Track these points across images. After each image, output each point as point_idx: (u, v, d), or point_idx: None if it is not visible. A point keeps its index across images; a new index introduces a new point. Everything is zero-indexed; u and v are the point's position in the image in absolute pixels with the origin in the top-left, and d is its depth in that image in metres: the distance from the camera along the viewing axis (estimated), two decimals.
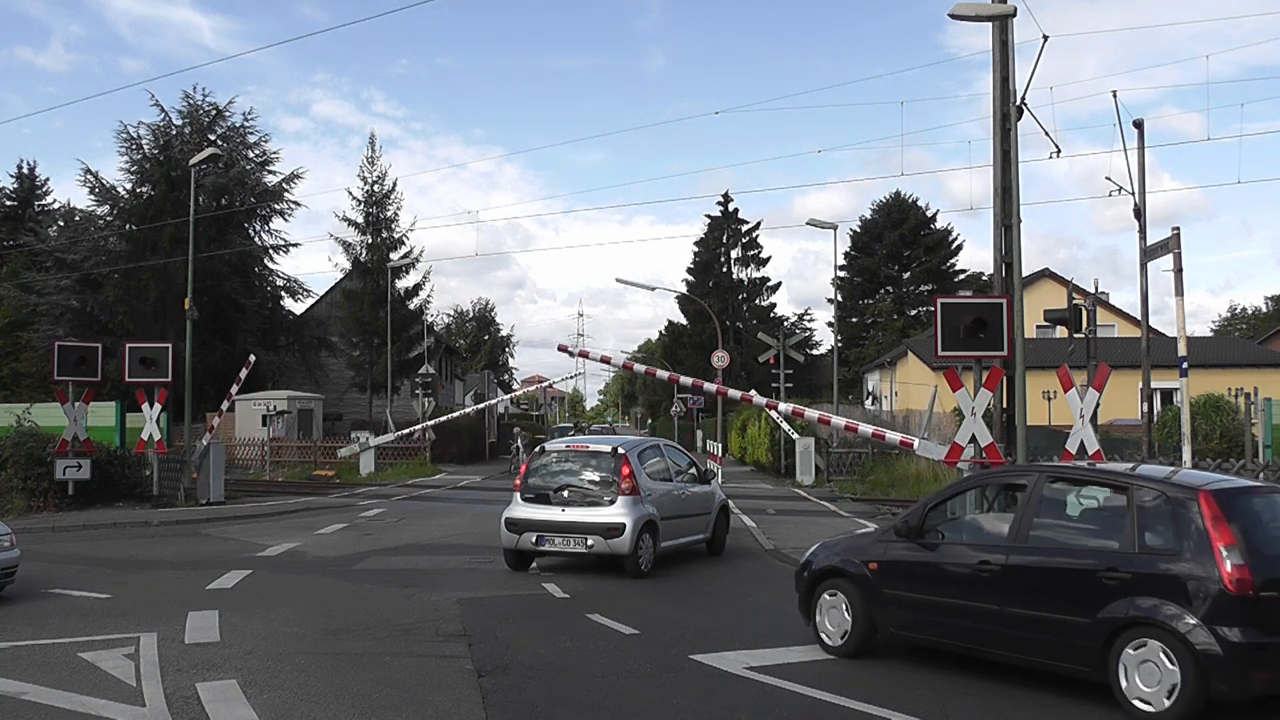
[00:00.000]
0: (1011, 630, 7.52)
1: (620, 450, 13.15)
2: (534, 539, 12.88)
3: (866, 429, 19.25)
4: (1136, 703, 6.71)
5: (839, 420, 19.84)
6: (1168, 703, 6.56)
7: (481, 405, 46.02)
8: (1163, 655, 6.63)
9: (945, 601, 8.00)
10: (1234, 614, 6.47)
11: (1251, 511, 7.14)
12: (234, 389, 24.48)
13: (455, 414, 40.61)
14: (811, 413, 19.86)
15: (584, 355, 23.37)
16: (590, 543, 12.57)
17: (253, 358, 25.31)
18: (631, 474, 12.82)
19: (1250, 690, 6.56)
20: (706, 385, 23.24)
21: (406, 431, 36.21)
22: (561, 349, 24.40)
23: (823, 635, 8.85)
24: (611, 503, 12.69)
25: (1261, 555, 6.71)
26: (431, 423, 37.33)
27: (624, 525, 12.43)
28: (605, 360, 23.95)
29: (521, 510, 13.17)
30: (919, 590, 8.22)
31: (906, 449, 18.72)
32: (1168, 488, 7.23)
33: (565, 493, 13.07)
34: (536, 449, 14.39)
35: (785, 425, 32.36)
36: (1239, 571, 6.50)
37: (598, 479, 13.05)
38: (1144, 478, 7.51)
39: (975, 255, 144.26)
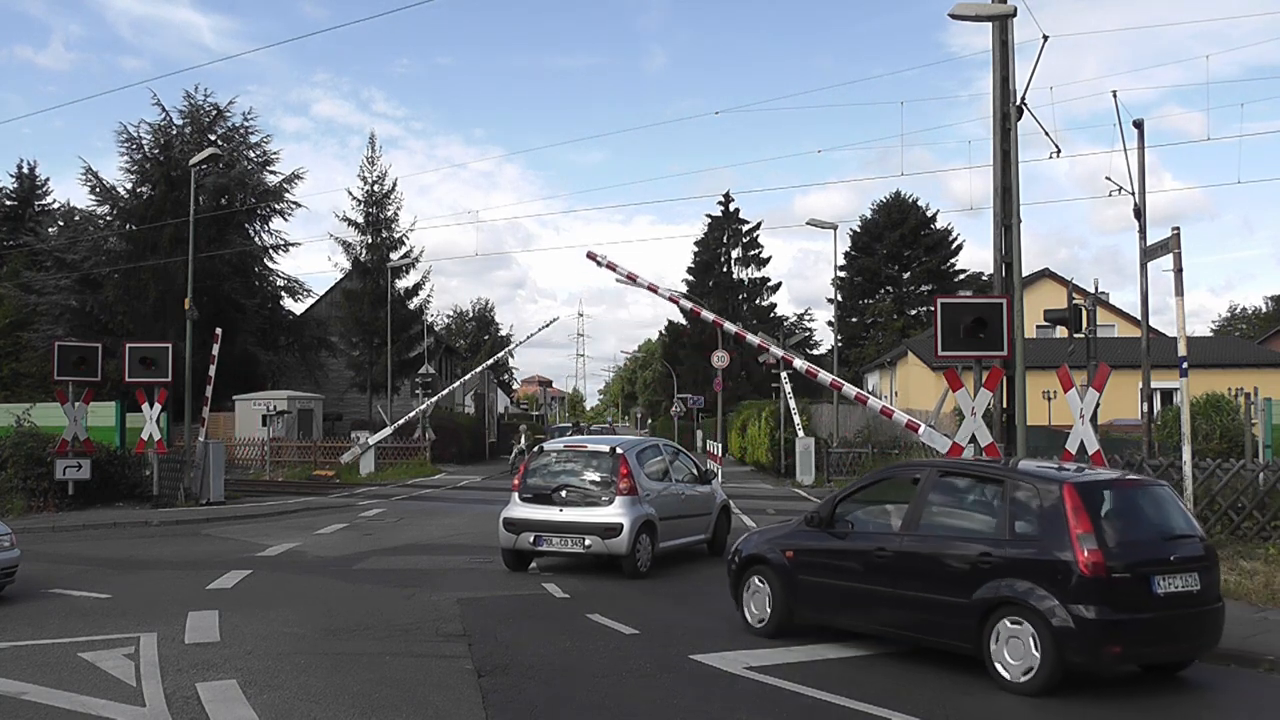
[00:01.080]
0: (904, 611, 8.27)
1: (619, 450, 13.15)
2: (532, 539, 12.90)
3: (876, 404, 19.45)
4: (1004, 674, 7.47)
5: (850, 389, 20.00)
6: (1030, 675, 7.32)
7: (468, 376, 44.68)
8: (1026, 631, 7.37)
9: (850, 585, 8.73)
10: (1088, 594, 7.18)
11: (1111, 502, 7.87)
12: (210, 369, 23.80)
13: (445, 392, 40.21)
14: (825, 375, 20.22)
15: (611, 268, 22.28)
16: (588, 543, 12.59)
17: (219, 330, 24.59)
18: (629, 474, 12.83)
19: (1103, 662, 7.42)
20: (750, 336, 23.00)
21: (402, 422, 36.22)
22: (590, 256, 22.97)
23: (748, 617, 9.63)
24: (609, 503, 12.69)
25: (1116, 541, 7.45)
26: (424, 405, 37.36)
27: (621, 525, 12.45)
28: (631, 278, 22.40)
29: (520, 510, 13.18)
30: (828, 575, 8.98)
31: (911, 433, 18.92)
32: (1037, 481, 7.95)
33: (563, 493, 13.04)
34: (535, 449, 14.39)
35: (797, 419, 32.32)
36: (1093, 556, 7.22)
37: (596, 479, 13.04)
38: (1017, 472, 8.32)
39: (975, 255, 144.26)
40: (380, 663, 8.13)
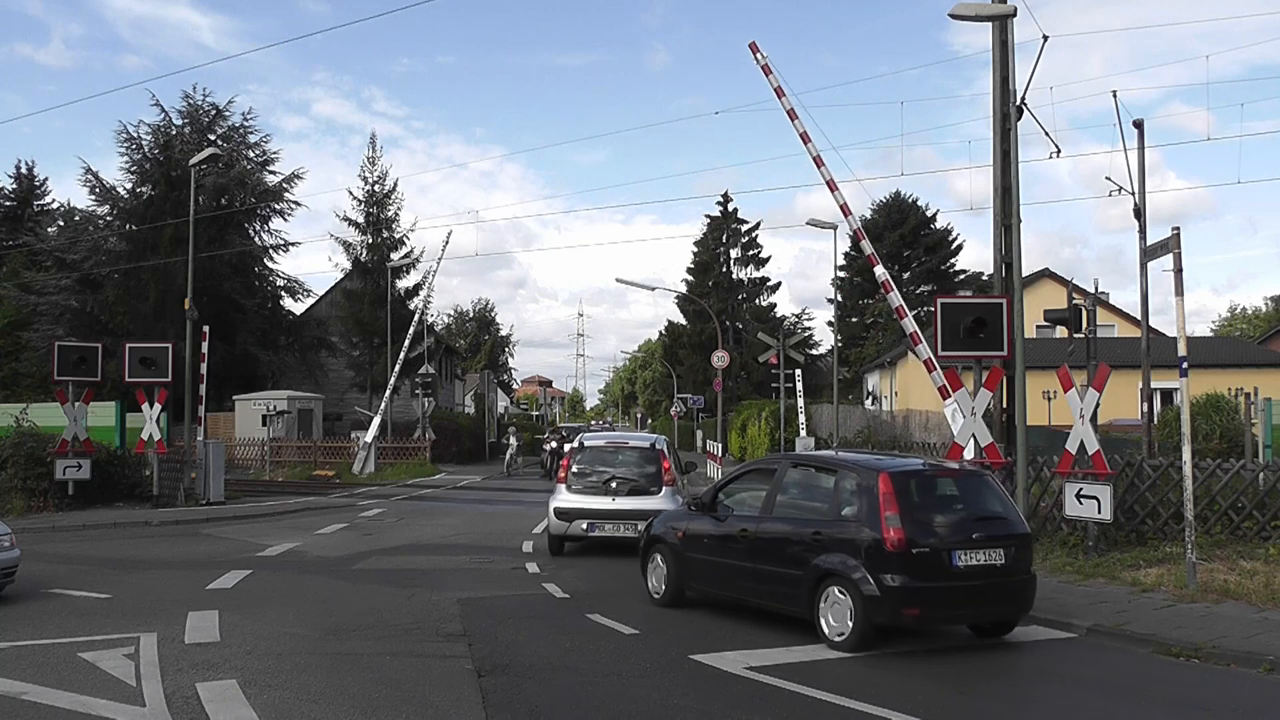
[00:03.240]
0: (760, 583, 9.61)
1: (658, 446, 15.01)
2: (585, 525, 14.19)
3: (925, 350, 18.80)
4: (829, 634, 8.76)
5: (909, 325, 19.33)
6: (846, 635, 8.61)
7: (412, 331, 39.70)
8: (843, 597, 8.67)
9: (722, 561, 10.10)
10: (891, 565, 8.46)
11: (917, 488, 9.16)
12: (202, 368, 23.58)
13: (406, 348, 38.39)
14: (909, 323, 19.33)
15: (766, 70, 19.75)
16: (641, 528, 13.52)
17: (207, 328, 24.25)
18: (670, 466, 14.71)
19: (902, 622, 8.69)
20: (878, 270, 20.42)
21: (383, 406, 36.46)
22: (752, 48, 19.96)
23: (650, 589, 11.09)
24: (657, 492, 14.27)
25: (917, 521, 8.66)
26: (391, 378, 37.37)
27: None
28: (779, 92, 19.76)
29: (570, 500, 14.55)
30: (707, 553, 10.33)
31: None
32: (859, 470, 9.20)
33: (614, 483, 14.56)
34: (575, 443, 15.78)
35: (803, 416, 32.28)
36: (897, 534, 8.47)
37: (642, 470, 14.66)
38: (846, 462, 9.59)
39: (975, 255, 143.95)
40: (380, 663, 8.13)
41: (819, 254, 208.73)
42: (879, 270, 18.21)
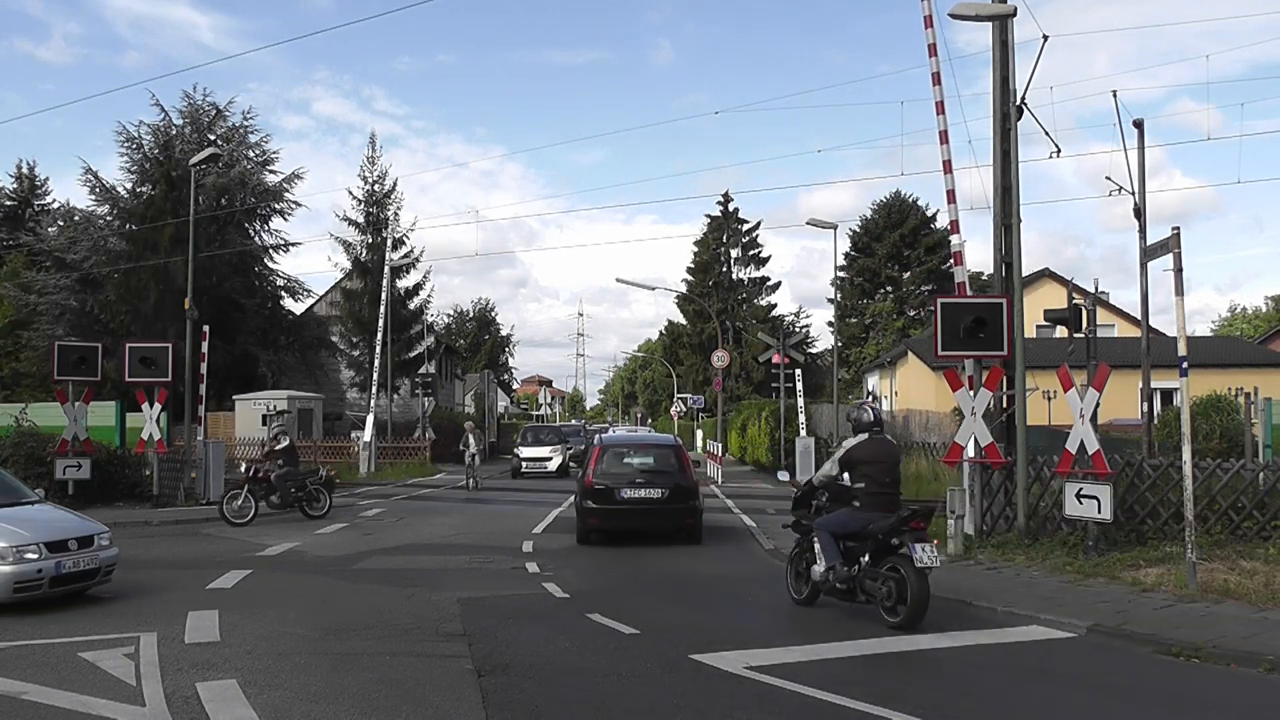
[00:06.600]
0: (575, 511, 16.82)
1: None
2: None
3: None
4: (575, 535, 16.01)
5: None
6: (577, 534, 15.97)
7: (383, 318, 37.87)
8: (574, 511, 16.05)
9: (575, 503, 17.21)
10: (588, 495, 15.56)
11: (613, 452, 16.38)
12: (202, 367, 23.44)
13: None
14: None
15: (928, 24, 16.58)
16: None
17: (207, 328, 23.91)
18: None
19: (591, 527, 15.58)
20: (955, 239, 18.50)
21: (373, 402, 36.59)
22: None
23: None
24: None
25: (604, 470, 15.67)
26: (374, 387, 37.39)
27: None
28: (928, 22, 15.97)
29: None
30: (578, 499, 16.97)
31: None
32: (595, 440, 17.73)
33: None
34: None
35: (803, 416, 32.22)
36: (589, 477, 15.69)
37: None
38: (593, 439, 18.73)
39: (975, 255, 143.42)
40: (380, 663, 8.13)
41: (822, 253, 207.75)
42: (955, 239, 18.09)
